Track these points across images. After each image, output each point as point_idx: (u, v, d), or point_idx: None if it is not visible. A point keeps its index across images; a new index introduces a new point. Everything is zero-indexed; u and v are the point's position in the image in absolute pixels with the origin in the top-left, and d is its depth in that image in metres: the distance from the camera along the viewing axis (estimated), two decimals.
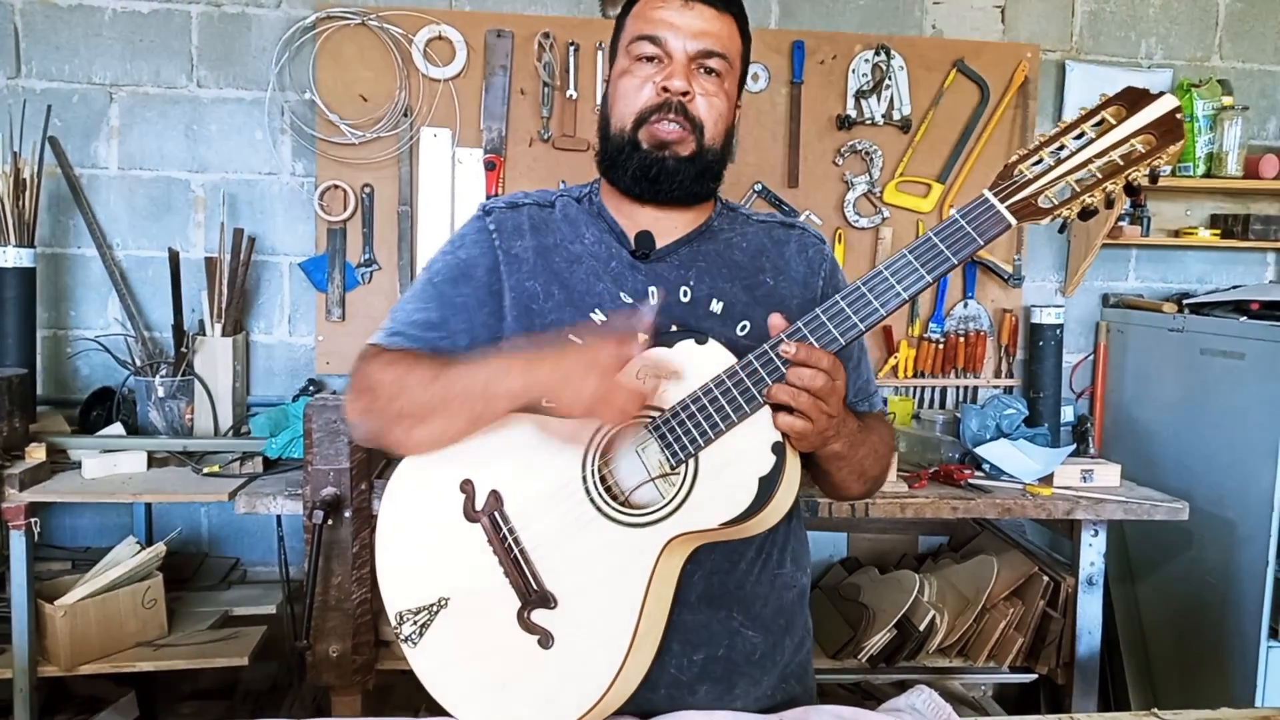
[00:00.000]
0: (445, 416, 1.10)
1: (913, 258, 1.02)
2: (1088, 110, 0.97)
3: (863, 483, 1.23)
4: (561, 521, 1.10)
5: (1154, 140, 0.94)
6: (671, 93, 1.17)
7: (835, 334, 1.04)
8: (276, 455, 2.30)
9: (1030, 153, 0.99)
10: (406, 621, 1.14)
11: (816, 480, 1.24)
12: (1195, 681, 2.56)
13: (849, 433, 1.12)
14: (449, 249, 1.27)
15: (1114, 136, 0.95)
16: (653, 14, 1.19)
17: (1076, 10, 2.90)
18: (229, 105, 2.68)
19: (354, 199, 2.66)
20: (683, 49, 1.17)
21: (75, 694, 2.47)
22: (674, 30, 1.17)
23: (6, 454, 2.18)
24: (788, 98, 2.76)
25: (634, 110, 1.19)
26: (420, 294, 1.24)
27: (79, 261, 2.69)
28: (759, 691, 1.24)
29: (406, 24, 2.63)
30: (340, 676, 2.01)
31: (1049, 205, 0.98)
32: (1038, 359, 2.79)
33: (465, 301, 1.22)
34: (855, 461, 1.17)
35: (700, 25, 1.18)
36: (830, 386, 1.03)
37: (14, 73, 2.62)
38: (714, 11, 1.19)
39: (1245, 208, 2.96)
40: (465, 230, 1.28)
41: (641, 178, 1.19)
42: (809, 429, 1.03)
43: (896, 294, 1.02)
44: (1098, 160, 0.96)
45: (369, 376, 1.15)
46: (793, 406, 1.03)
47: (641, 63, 1.19)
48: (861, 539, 2.96)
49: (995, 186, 0.99)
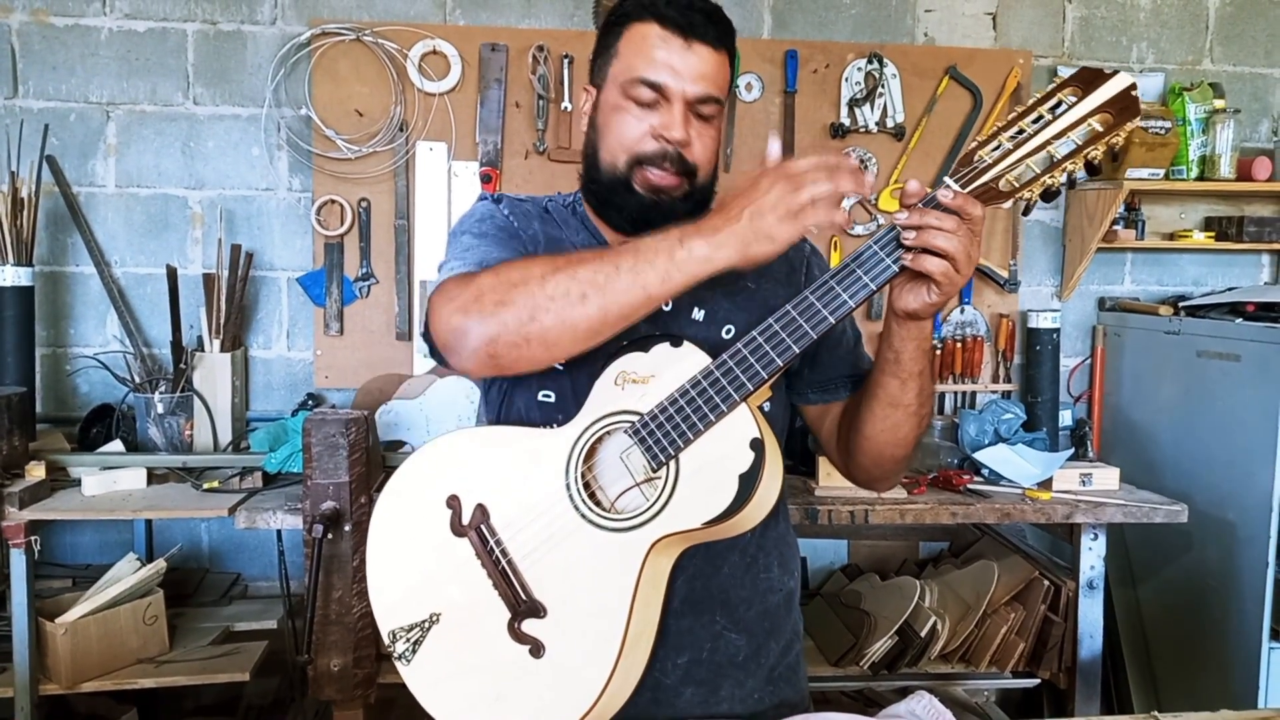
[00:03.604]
0: (629, 278, 1.00)
1: (879, 249, 1.02)
2: (1044, 92, 0.98)
3: (917, 424, 1.17)
4: (547, 531, 1.11)
5: (1111, 118, 0.95)
6: (671, 142, 1.15)
7: (806, 328, 1.03)
8: (276, 470, 2.30)
9: (989, 138, 1.00)
10: (399, 640, 1.15)
11: (866, 431, 1.19)
12: (1197, 684, 2.55)
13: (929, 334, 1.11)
14: (479, 218, 1.23)
15: (1071, 117, 0.96)
16: (654, 54, 1.15)
17: (1068, 16, 2.92)
18: (225, 122, 2.70)
19: (351, 213, 2.68)
20: (682, 93, 1.15)
21: (77, 712, 2.46)
22: (675, 75, 1.15)
23: (6, 472, 2.18)
24: (781, 107, 2.77)
25: (628, 151, 1.17)
26: (481, 243, 1.18)
27: (77, 279, 2.70)
28: (744, 693, 1.24)
29: (401, 39, 2.65)
30: (342, 690, 2.01)
31: (1009, 189, 0.99)
32: (1035, 363, 2.79)
33: (522, 250, 1.20)
34: (928, 381, 1.14)
35: (700, 69, 1.15)
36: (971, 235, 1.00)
37: (11, 92, 2.64)
38: (711, 50, 1.16)
39: (1239, 210, 2.97)
40: (479, 209, 1.26)
41: (640, 221, 1.17)
42: (957, 277, 1.00)
43: (864, 284, 1.01)
44: (1056, 141, 0.97)
45: (501, 274, 1.04)
46: (944, 250, 0.98)
47: (638, 103, 1.16)
48: (862, 546, 2.95)
49: (956, 173, 1.00)
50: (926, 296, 1.03)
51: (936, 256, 0.99)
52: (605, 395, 1.12)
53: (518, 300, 1.02)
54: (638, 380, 1.09)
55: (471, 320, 1.04)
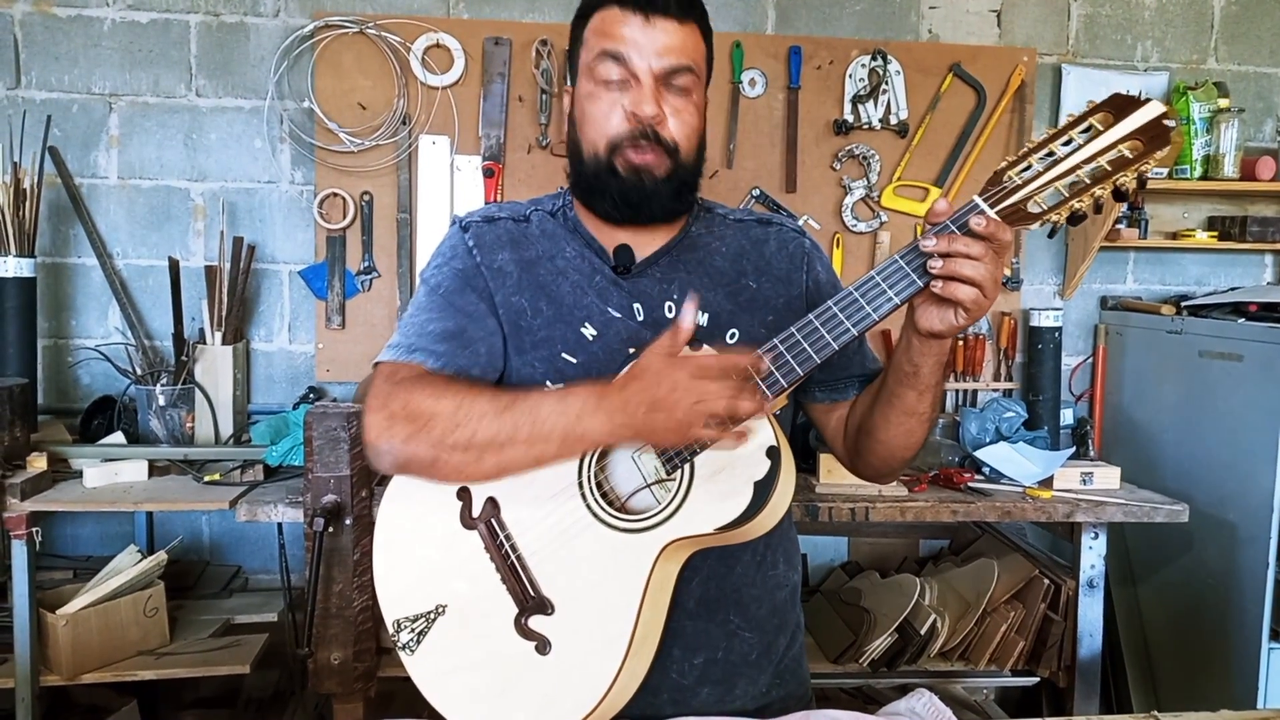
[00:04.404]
0: (524, 448, 1.04)
1: (903, 262, 1.02)
2: (1076, 116, 0.98)
3: (929, 428, 1.18)
4: (558, 527, 1.10)
5: (1141, 146, 0.95)
6: (642, 119, 1.14)
7: (828, 339, 1.03)
8: (277, 463, 2.30)
9: (1019, 159, 0.99)
10: (404, 629, 1.15)
11: (879, 436, 1.19)
12: (1197, 683, 2.56)
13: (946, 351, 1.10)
14: (440, 262, 1.23)
15: (1102, 142, 0.96)
16: (614, 30, 1.14)
17: (1072, 14, 2.91)
18: (228, 114, 2.69)
19: (353, 207, 2.67)
20: (648, 68, 1.13)
21: (77, 703, 2.47)
22: (638, 49, 1.13)
23: (8, 464, 2.18)
24: (785, 103, 2.77)
25: (605, 136, 1.16)
26: (428, 305, 1.20)
27: (79, 271, 2.70)
28: (756, 690, 1.25)
29: (404, 32, 2.64)
30: (342, 684, 2.01)
31: (1038, 210, 0.98)
32: (1037, 362, 2.79)
33: (476, 310, 1.19)
34: (942, 389, 1.15)
35: (664, 41, 1.13)
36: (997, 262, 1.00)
37: (14, 83, 2.63)
38: (676, 23, 1.14)
39: (1242, 210, 2.97)
40: (445, 245, 1.25)
41: (623, 204, 1.17)
42: (985, 302, 1.00)
43: (889, 299, 1.02)
44: (1086, 166, 0.96)
45: (412, 402, 1.08)
46: (972, 279, 0.98)
47: (607, 86, 1.15)
48: (862, 543, 2.96)
49: (985, 192, 0.99)
50: (953, 319, 1.02)
51: (965, 285, 0.98)
52: None
53: (422, 441, 1.07)
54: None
55: (383, 445, 1.10)
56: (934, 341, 1.07)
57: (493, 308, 1.20)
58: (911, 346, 1.09)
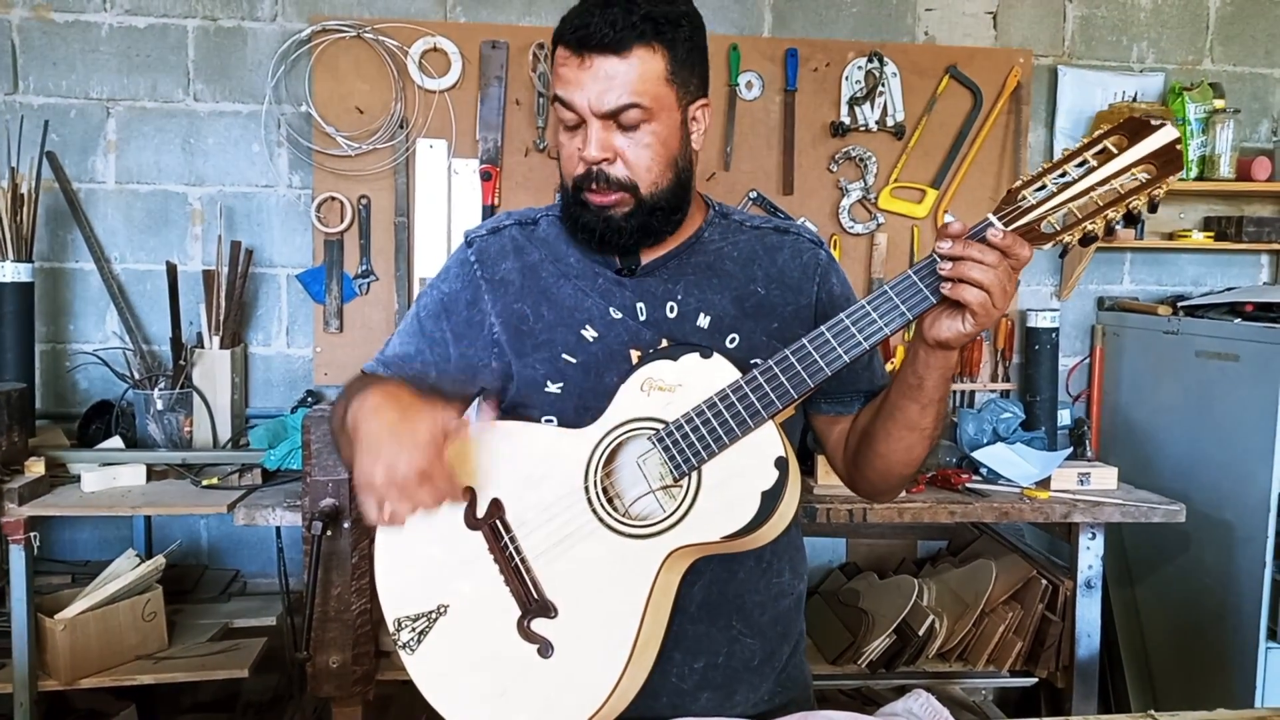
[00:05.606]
0: (344, 443, 1.15)
1: (916, 277, 1.02)
2: (1090, 138, 0.99)
3: (930, 445, 1.18)
4: (563, 531, 1.10)
5: (1154, 170, 0.96)
6: (588, 163, 1.13)
7: (839, 351, 1.04)
8: (275, 467, 2.30)
9: (1033, 179, 1.00)
10: (405, 628, 1.15)
11: (879, 449, 1.19)
12: (1195, 683, 2.56)
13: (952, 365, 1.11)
14: (436, 282, 1.29)
15: (1115, 165, 0.96)
16: (562, 72, 1.13)
17: (1068, 15, 2.92)
18: (225, 119, 2.70)
19: (351, 210, 2.67)
20: (589, 110, 1.11)
21: (75, 708, 2.47)
22: (581, 90, 1.10)
23: (6, 468, 2.18)
24: (781, 105, 2.77)
25: (570, 177, 1.17)
26: (406, 328, 1.30)
27: (77, 275, 2.70)
28: (757, 696, 1.25)
29: (401, 36, 2.65)
30: (341, 687, 2.01)
31: (1051, 231, 0.99)
32: (1034, 363, 2.80)
33: (442, 336, 1.25)
34: (945, 405, 1.15)
35: (602, 83, 1.10)
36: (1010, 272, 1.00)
37: (11, 88, 2.63)
38: (616, 58, 1.09)
39: (1238, 210, 2.97)
40: (450, 262, 1.29)
41: (590, 237, 1.18)
42: (994, 310, 1.00)
43: (900, 313, 1.02)
44: (1099, 188, 0.97)
45: (349, 408, 1.17)
46: (981, 283, 0.98)
47: (566, 127, 1.15)
48: (860, 544, 2.96)
49: (999, 211, 1.00)
50: (960, 326, 1.02)
51: (973, 288, 0.99)
52: (630, 400, 1.11)
53: (335, 428, 1.22)
54: (664, 388, 1.09)
55: None
56: (940, 353, 1.07)
57: (468, 329, 1.24)
58: (918, 358, 1.09)
